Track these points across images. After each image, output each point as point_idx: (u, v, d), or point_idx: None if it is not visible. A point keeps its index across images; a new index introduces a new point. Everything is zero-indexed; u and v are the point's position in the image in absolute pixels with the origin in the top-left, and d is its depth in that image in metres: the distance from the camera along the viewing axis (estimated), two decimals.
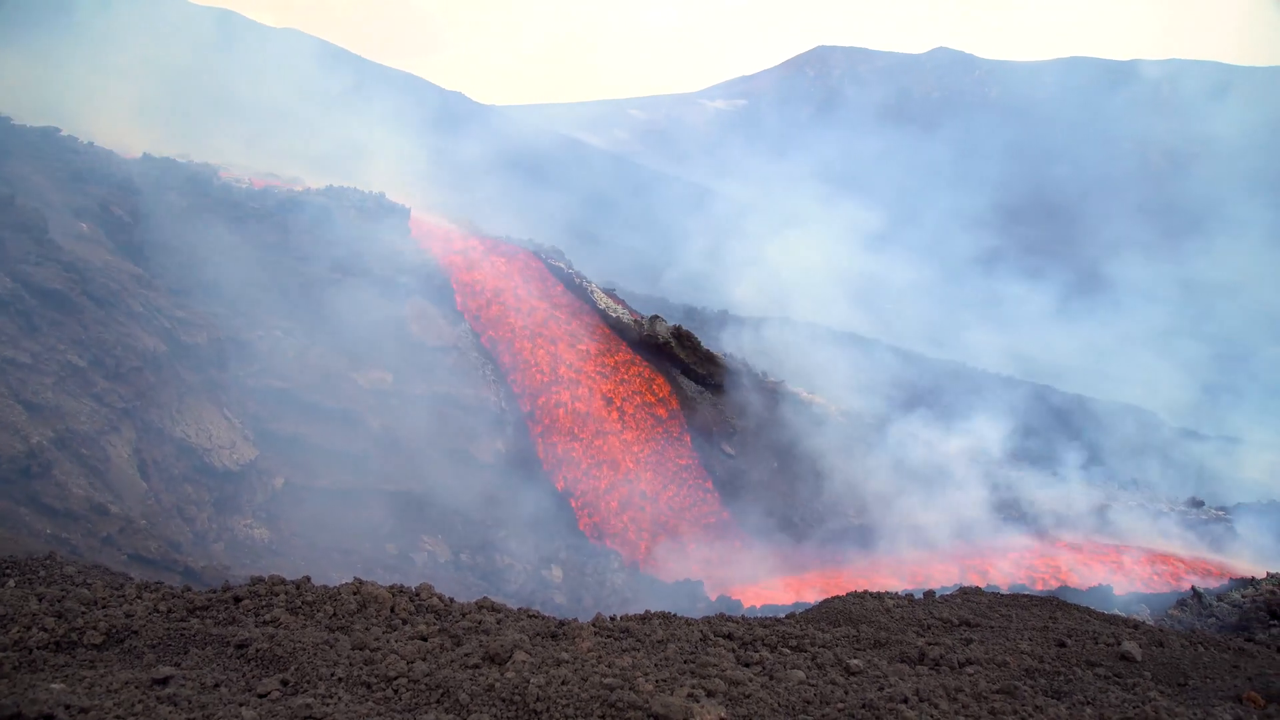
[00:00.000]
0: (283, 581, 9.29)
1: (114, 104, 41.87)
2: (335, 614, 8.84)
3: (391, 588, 9.65)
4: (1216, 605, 20.74)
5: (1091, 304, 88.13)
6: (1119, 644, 10.86)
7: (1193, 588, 23.01)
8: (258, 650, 7.64)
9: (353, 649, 7.92)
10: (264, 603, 8.86)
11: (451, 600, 9.78)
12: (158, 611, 8.50)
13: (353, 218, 30.81)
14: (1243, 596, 20.71)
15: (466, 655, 7.93)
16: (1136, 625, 13.40)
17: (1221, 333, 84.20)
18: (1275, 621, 18.78)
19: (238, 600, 8.89)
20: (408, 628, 8.69)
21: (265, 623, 8.43)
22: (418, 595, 9.59)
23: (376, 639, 8.23)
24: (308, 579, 9.51)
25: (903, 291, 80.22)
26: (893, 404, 41.63)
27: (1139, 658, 10.51)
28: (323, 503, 23.95)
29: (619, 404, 33.63)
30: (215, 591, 9.17)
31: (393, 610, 9.10)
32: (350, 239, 30.51)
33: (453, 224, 38.95)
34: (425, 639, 8.36)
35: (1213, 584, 29.24)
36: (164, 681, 6.94)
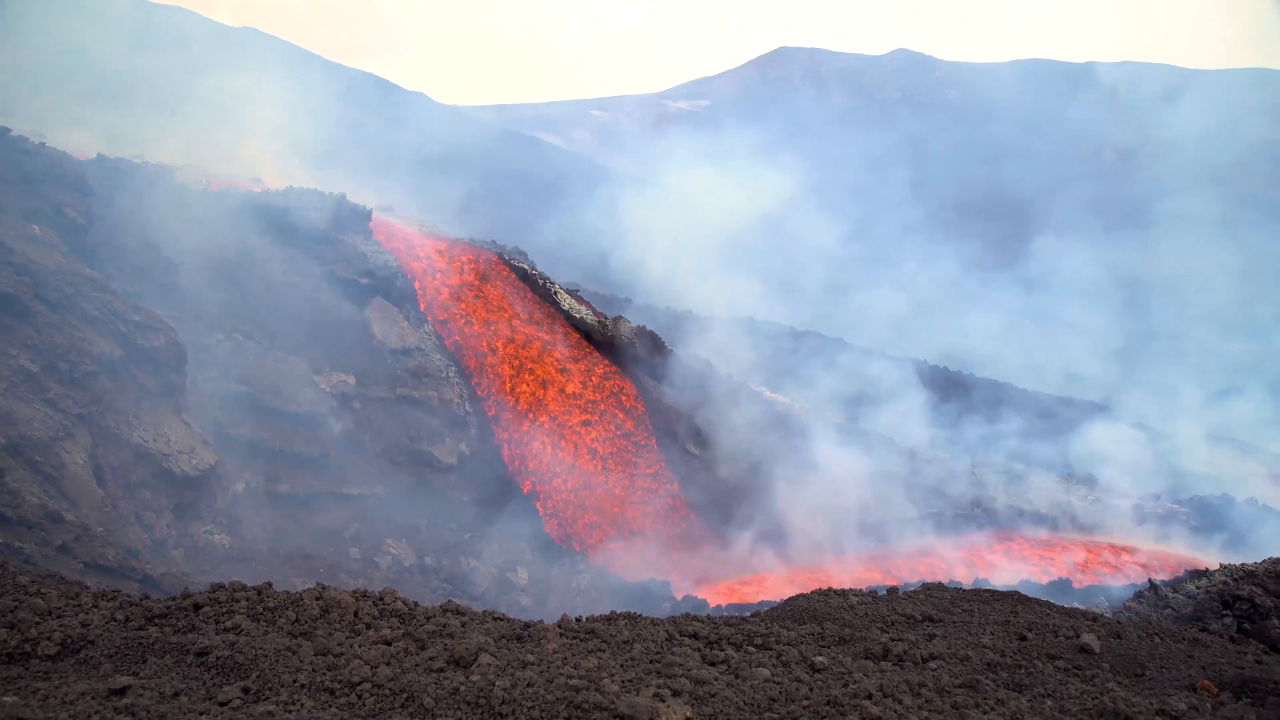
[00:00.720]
0: (244, 588, 9.18)
1: (66, 103, 41.12)
2: (298, 620, 8.74)
3: (355, 592, 9.56)
4: (1172, 597, 21.15)
5: (1034, 296, 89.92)
6: (1078, 636, 11.05)
7: (1149, 580, 23.43)
8: (218, 658, 7.54)
9: (315, 655, 7.84)
10: (225, 609, 8.75)
11: (416, 604, 9.71)
12: (115, 620, 8.36)
13: (313, 219, 30.48)
14: (1196, 588, 21.12)
15: (431, 659, 7.88)
16: (1095, 618, 13.63)
17: (1149, 325, 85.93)
18: (1228, 612, 19.19)
19: (198, 607, 8.76)
20: (371, 632, 8.62)
21: (226, 630, 8.32)
22: (381, 600, 9.51)
23: (340, 644, 8.15)
24: (269, 585, 9.40)
25: (848, 286, 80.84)
26: (845, 400, 42.16)
27: (1098, 650, 10.69)
28: (284, 507, 23.70)
29: (583, 406, 33.58)
30: (174, 599, 9.03)
31: (356, 615, 9.02)
32: (310, 241, 30.20)
33: (415, 225, 38.68)
34: (389, 643, 8.30)
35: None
36: (121, 692, 6.83)
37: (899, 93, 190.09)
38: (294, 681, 7.30)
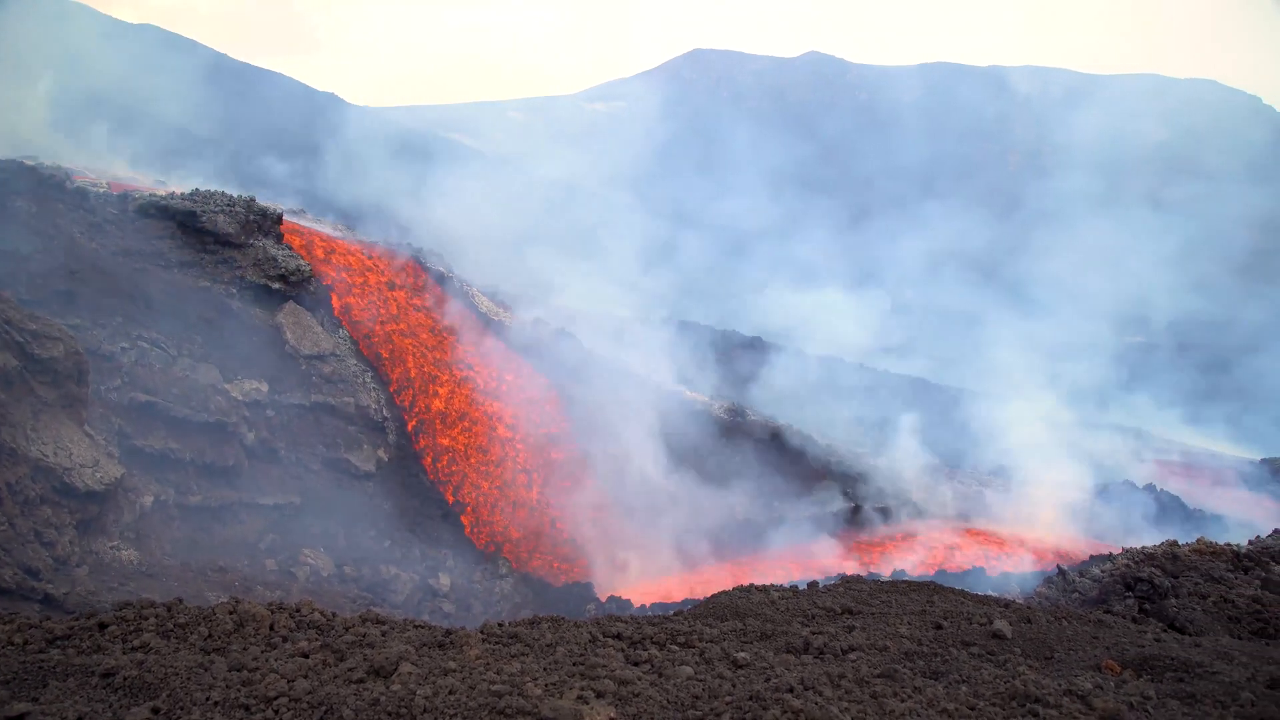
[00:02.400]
0: (153, 604, 8.89)
1: None
2: (210, 635, 8.50)
3: (270, 605, 9.35)
4: (1078, 581, 21.94)
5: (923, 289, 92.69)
6: (991, 623, 11.41)
7: (1058, 566, 24.29)
8: (126, 678, 7.29)
9: (229, 670, 7.64)
10: (132, 628, 8.46)
11: (334, 614, 9.54)
12: (12, 644, 8.01)
13: (221, 222, 29.62)
14: (1101, 571, 21.95)
15: (350, 670, 7.74)
16: (1007, 604, 14.10)
17: (1046, 318, 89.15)
18: (1129, 593, 20.00)
19: (103, 627, 8.45)
20: (288, 645, 8.43)
21: (134, 649, 8.05)
22: (298, 611, 9.31)
23: (255, 659, 7.95)
24: (179, 601, 9.13)
25: (746, 285, 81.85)
26: (751, 396, 42.78)
27: (1009, 635, 11.06)
28: (196, 520, 22.98)
29: (503, 408, 33.37)
30: (78, 619, 8.70)
31: (272, 628, 8.81)
32: (219, 244, 29.35)
33: (328, 228, 37.91)
34: (307, 656, 8.13)
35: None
36: (19, 718, 6.55)
37: (811, 94, 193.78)
38: (207, 699, 7.10)
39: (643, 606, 25.66)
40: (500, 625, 9.77)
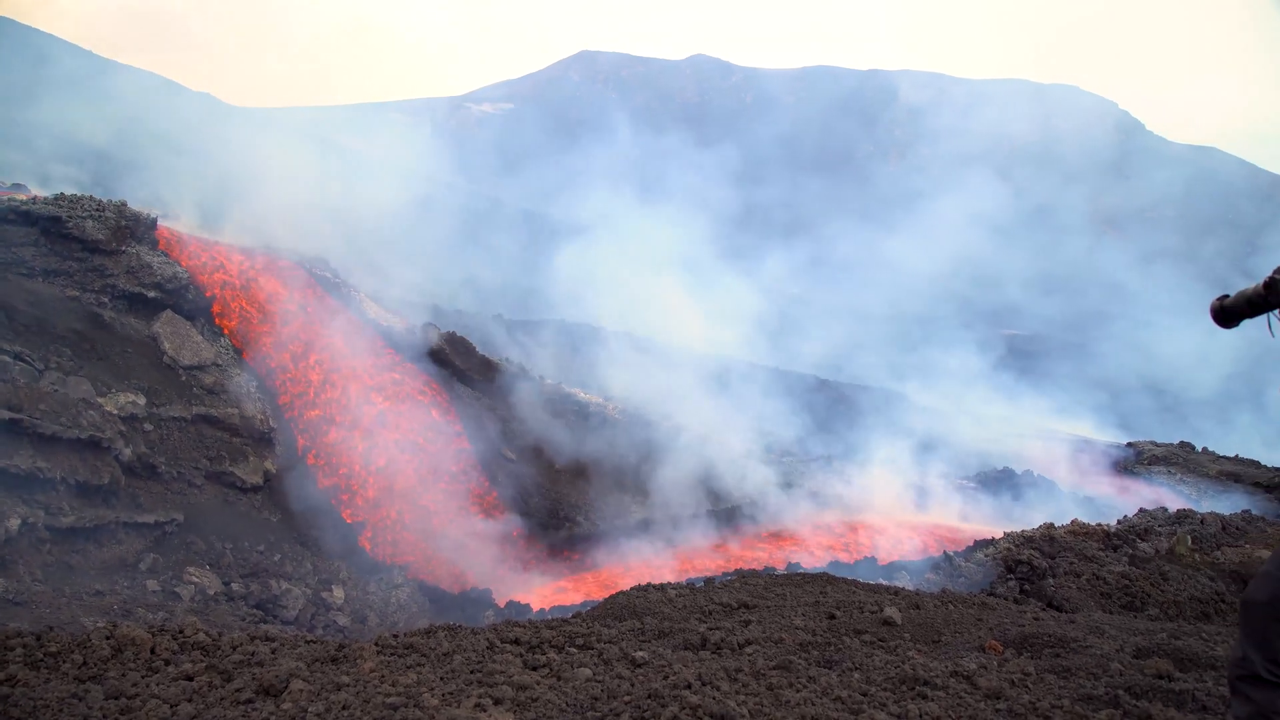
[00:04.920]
0: (19, 633, 8.41)
1: None
2: (85, 663, 8.10)
3: (151, 627, 8.97)
4: (964, 566, 22.81)
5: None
6: (882, 610, 11.79)
7: (945, 552, 25.19)
8: None
9: (106, 699, 7.29)
10: None
11: (220, 634, 9.20)
12: None
13: (90, 228, 28.21)
14: (985, 555, 22.87)
15: (238, 691, 7.49)
16: (897, 591, 14.59)
17: (934, 314, 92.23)
18: (1011, 575, 20.90)
19: None
20: (171, 669, 8.10)
21: None
22: (181, 632, 8.96)
23: (134, 685, 7.62)
24: (50, 629, 8.67)
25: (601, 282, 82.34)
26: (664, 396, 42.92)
27: (899, 621, 11.45)
28: (69, 542, 21.81)
29: (396, 415, 32.77)
30: None
31: (153, 651, 8.45)
32: (88, 252, 27.97)
33: (206, 233, 36.51)
34: (191, 679, 7.83)
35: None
36: None
37: (697, 96, 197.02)
38: None
39: (541, 610, 25.55)
40: (395, 636, 9.60)
